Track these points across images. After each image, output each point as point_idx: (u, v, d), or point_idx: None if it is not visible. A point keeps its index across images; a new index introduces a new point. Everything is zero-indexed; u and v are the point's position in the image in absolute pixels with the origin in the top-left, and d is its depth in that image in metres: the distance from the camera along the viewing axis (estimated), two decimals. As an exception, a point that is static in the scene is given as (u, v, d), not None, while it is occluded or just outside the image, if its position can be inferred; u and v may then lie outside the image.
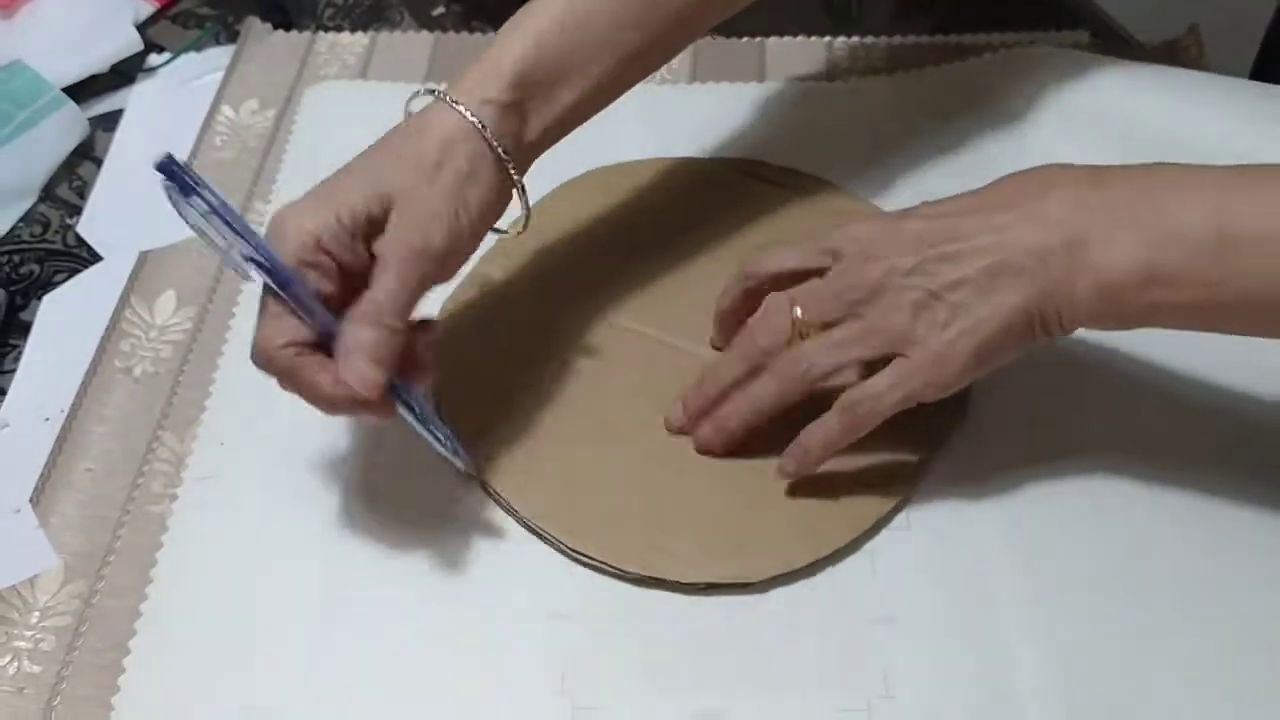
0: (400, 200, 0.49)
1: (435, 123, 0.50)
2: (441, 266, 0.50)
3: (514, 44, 0.52)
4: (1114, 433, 0.54)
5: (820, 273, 0.50)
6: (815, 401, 0.51)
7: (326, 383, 0.46)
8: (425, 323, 0.50)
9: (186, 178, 0.44)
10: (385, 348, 0.47)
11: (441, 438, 0.50)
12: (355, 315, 0.47)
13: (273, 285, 0.46)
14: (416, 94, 0.53)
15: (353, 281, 0.48)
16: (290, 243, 0.47)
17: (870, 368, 0.49)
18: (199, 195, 0.44)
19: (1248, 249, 0.43)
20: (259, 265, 0.46)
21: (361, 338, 0.46)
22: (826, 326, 0.49)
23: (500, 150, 0.51)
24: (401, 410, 0.49)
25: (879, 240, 0.49)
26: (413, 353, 0.49)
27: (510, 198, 0.53)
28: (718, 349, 0.57)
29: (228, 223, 0.45)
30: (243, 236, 0.45)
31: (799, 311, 0.50)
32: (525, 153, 0.53)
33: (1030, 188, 0.47)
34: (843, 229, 0.50)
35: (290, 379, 0.48)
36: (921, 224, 0.48)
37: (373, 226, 0.48)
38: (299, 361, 0.47)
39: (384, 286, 0.47)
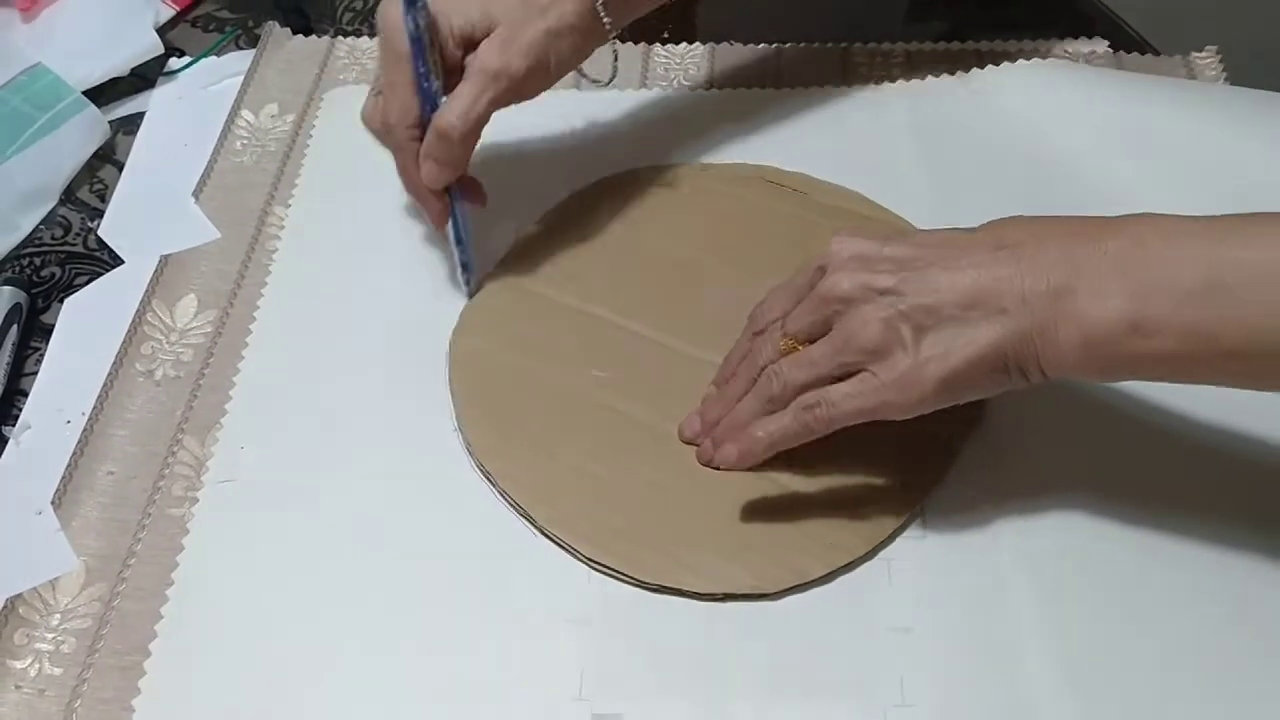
0: (501, 27, 0.56)
1: None
2: (516, 93, 0.57)
3: None
4: (1132, 444, 0.54)
5: None
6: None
7: (412, 168, 0.58)
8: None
9: None
10: (451, 150, 0.56)
11: (463, 259, 0.61)
12: (435, 117, 0.56)
13: (413, 49, 0.55)
14: None
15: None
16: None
17: None
18: None
19: (1237, 298, 0.42)
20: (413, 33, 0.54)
21: (431, 140, 0.56)
22: (812, 341, 0.50)
23: (607, 23, 0.59)
24: (451, 219, 0.59)
25: (861, 256, 0.49)
26: (475, 181, 0.61)
27: (589, 52, 0.60)
28: None
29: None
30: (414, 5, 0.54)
31: (785, 327, 0.51)
32: (622, 10, 0.60)
33: (1022, 234, 0.47)
34: (831, 245, 0.50)
35: (397, 154, 0.59)
36: (908, 249, 0.48)
37: (469, 45, 0.57)
38: (408, 144, 0.57)
39: (461, 96, 0.56)
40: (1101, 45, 0.74)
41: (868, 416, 0.48)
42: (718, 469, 0.53)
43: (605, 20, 0.58)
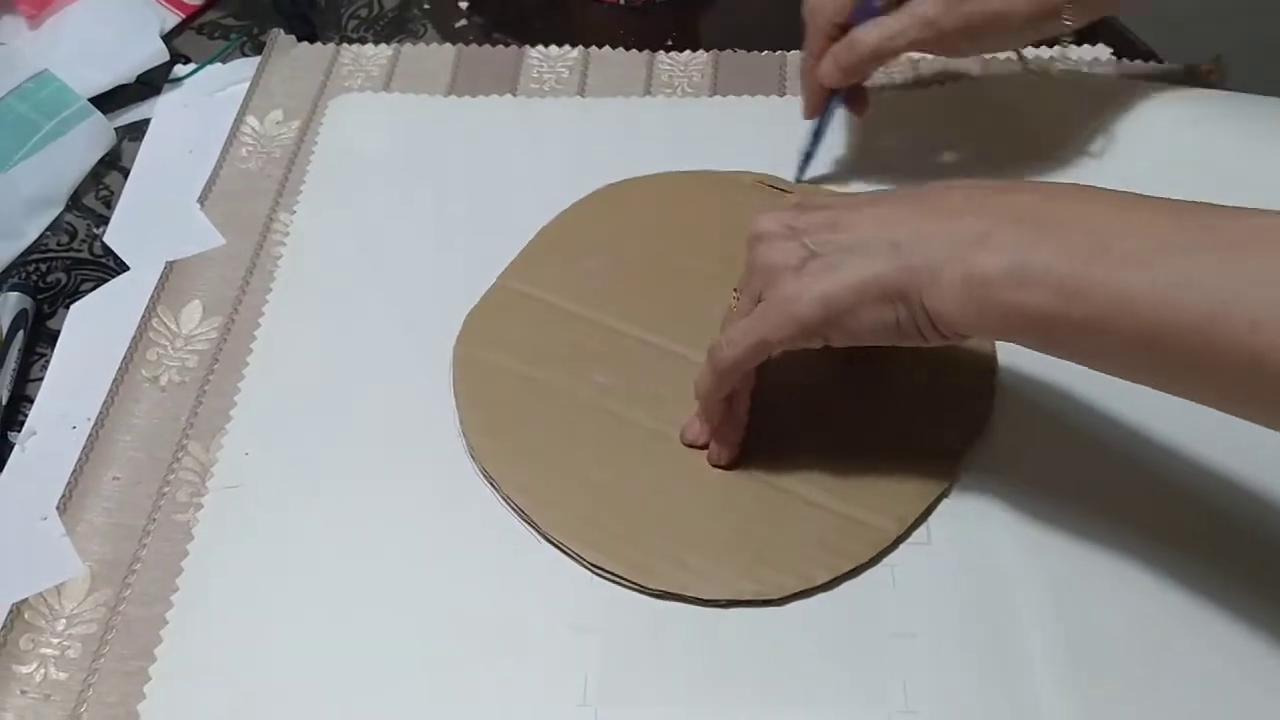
0: None
1: None
2: (940, 47, 0.60)
3: None
4: (1138, 448, 0.54)
5: None
6: (824, 411, 0.52)
7: (817, 54, 0.62)
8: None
9: None
10: (856, 63, 0.60)
11: (810, 150, 0.66)
12: (856, 29, 0.60)
13: None
14: None
15: None
16: None
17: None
18: None
19: (1116, 260, 0.40)
20: None
21: (844, 45, 0.60)
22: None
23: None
24: (822, 115, 0.65)
25: (778, 230, 0.49)
26: (865, 93, 0.65)
27: (1035, 39, 0.63)
28: None
29: None
30: None
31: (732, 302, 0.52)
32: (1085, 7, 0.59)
33: (939, 188, 0.47)
34: (753, 224, 0.51)
35: (810, 38, 0.62)
36: (823, 211, 0.49)
37: None
38: (823, 34, 0.61)
39: (887, 25, 0.59)
40: (1105, 52, 0.74)
41: (763, 348, 0.49)
42: (725, 468, 0.54)
43: (1066, 19, 0.59)
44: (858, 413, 0.56)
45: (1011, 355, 0.57)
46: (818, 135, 0.66)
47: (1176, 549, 0.51)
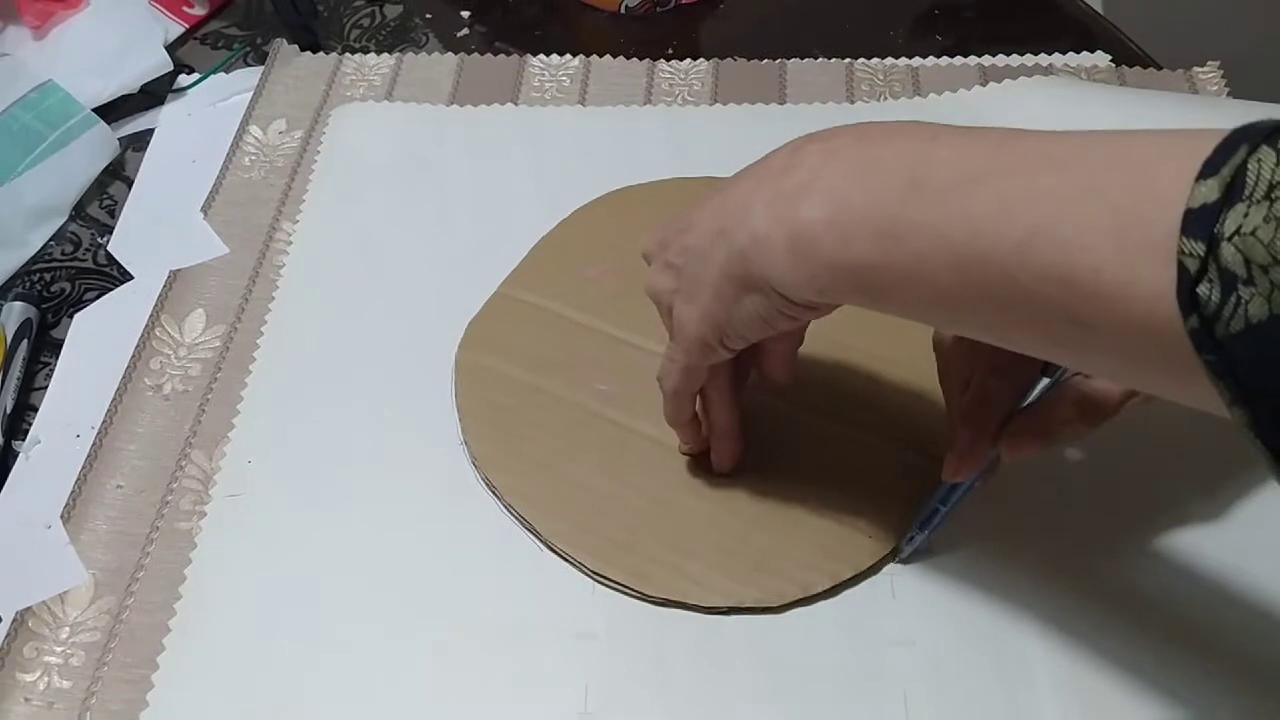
0: None
1: None
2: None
3: None
4: (1139, 458, 0.55)
5: None
6: (824, 419, 0.52)
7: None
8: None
9: None
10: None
11: (924, 529, 0.51)
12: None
13: None
14: None
15: None
16: None
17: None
18: None
19: (930, 198, 0.37)
20: None
21: None
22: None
23: None
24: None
25: (657, 233, 0.49)
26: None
27: None
28: None
29: None
30: None
31: None
32: None
33: (772, 152, 0.44)
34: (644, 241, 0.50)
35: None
36: (681, 219, 0.47)
37: None
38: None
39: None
40: (1104, 60, 0.75)
41: (692, 372, 0.49)
42: (725, 475, 0.54)
43: None
44: (857, 421, 0.56)
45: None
46: (937, 507, 0.51)
47: (1178, 559, 0.51)
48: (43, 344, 0.64)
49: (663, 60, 0.77)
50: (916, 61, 0.76)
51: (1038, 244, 0.34)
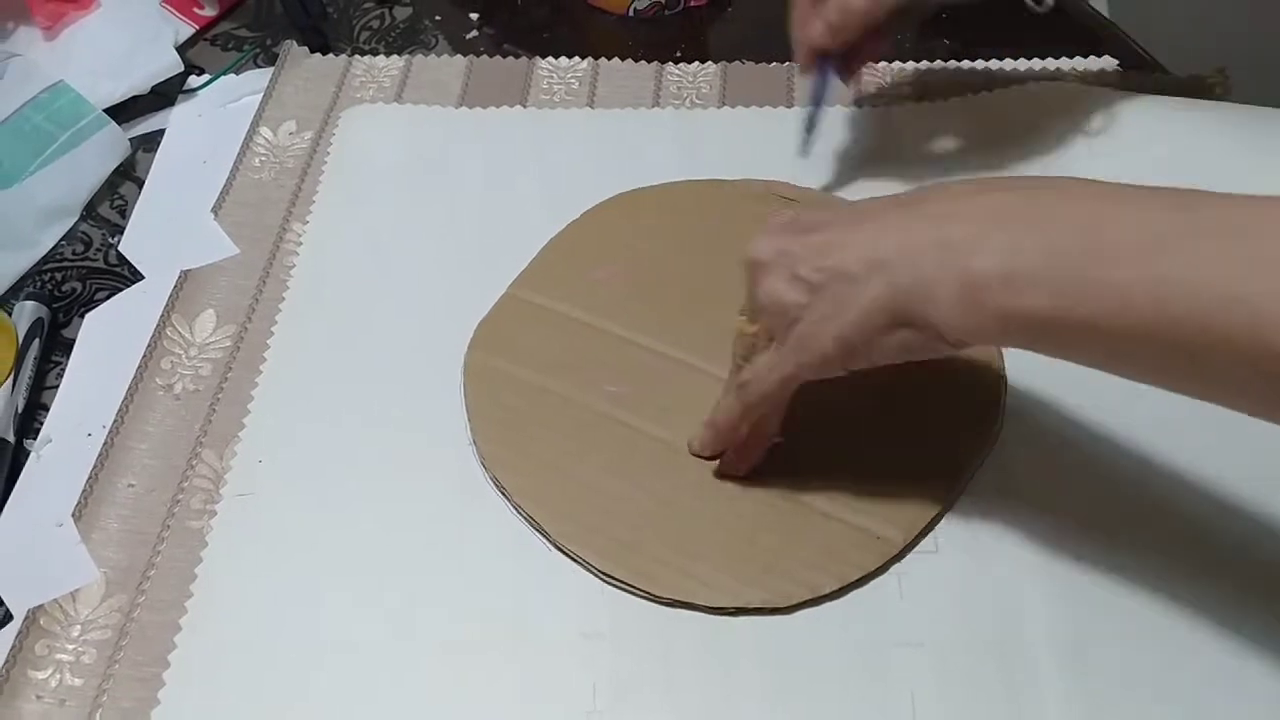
0: None
1: None
2: None
3: None
4: (1145, 459, 0.55)
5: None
6: (832, 421, 0.53)
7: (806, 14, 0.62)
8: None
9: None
10: (844, 19, 0.60)
11: (810, 122, 0.66)
12: None
13: None
14: None
15: None
16: None
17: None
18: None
19: (1109, 259, 0.39)
20: None
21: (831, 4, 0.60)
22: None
23: None
24: (816, 81, 0.64)
25: (777, 258, 0.48)
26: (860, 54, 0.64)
27: None
28: None
29: None
30: None
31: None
32: None
33: (917, 194, 0.47)
34: (749, 250, 0.50)
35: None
36: (820, 216, 0.48)
37: None
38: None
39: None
40: (1110, 64, 0.75)
41: (791, 382, 0.49)
42: (732, 478, 0.54)
43: None
44: (866, 423, 0.56)
45: (1019, 368, 0.58)
46: (817, 102, 0.65)
47: (1184, 560, 0.51)
48: (54, 343, 0.65)
49: (671, 63, 0.77)
50: (923, 65, 0.76)
51: (1230, 310, 0.37)
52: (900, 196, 0.48)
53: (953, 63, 0.76)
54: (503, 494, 0.55)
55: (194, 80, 0.79)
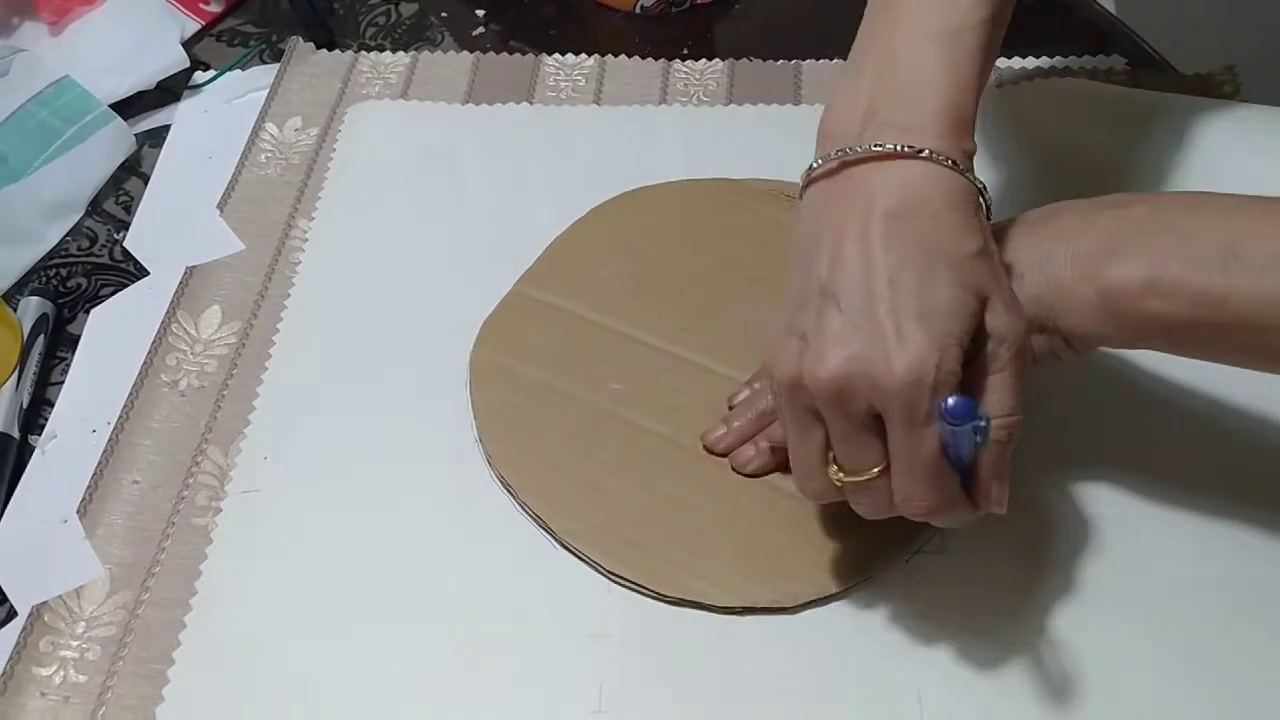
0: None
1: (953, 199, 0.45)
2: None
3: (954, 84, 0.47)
4: (1158, 459, 0.55)
5: None
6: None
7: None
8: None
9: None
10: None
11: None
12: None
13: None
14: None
15: None
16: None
17: None
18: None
19: (1252, 267, 0.42)
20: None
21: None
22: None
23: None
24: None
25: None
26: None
27: None
28: None
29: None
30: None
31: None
32: None
33: (1044, 210, 0.48)
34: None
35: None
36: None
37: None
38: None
39: (1006, 387, 0.44)
40: (1119, 62, 0.75)
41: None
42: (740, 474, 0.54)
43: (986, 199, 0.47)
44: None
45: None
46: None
47: (1196, 555, 0.51)
48: (59, 339, 0.64)
49: (678, 60, 0.77)
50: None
51: None
52: (1015, 220, 0.48)
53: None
54: (509, 492, 0.55)
55: (200, 76, 0.78)
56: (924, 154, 0.44)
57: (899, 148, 0.44)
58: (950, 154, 0.45)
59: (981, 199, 0.46)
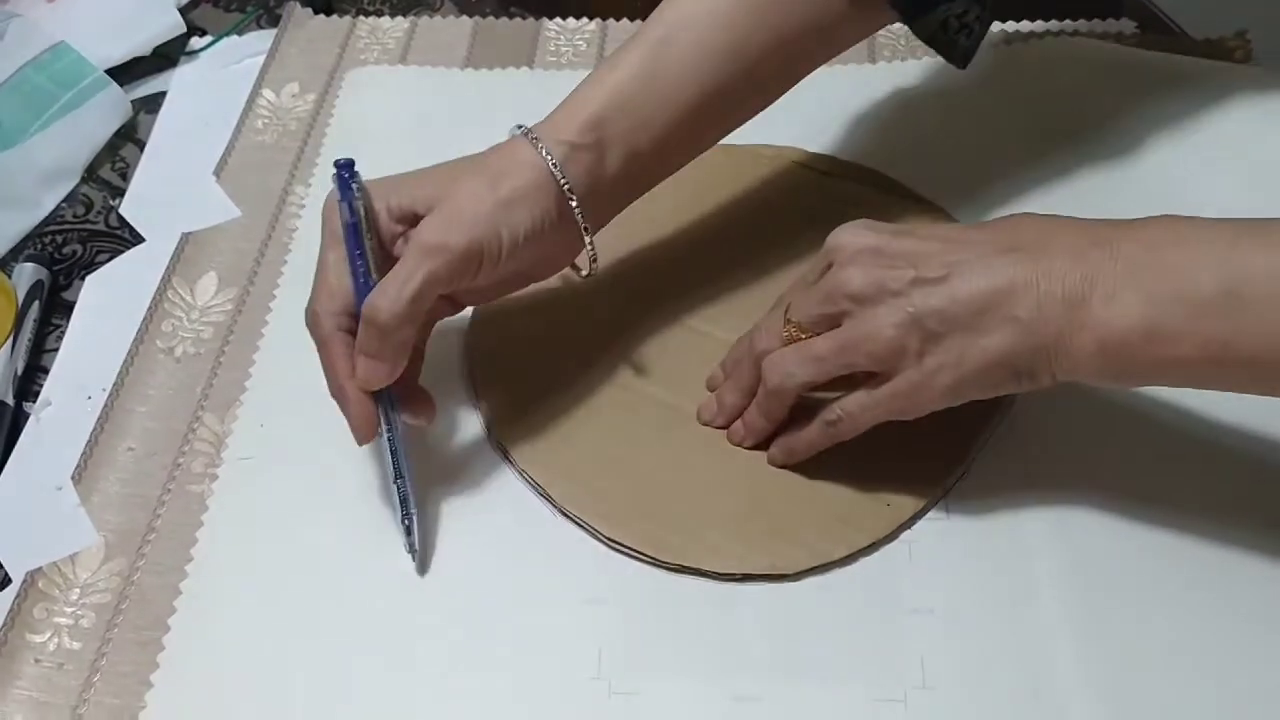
0: (444, 199, 0.50)
1: (510, 151, 0.52)
2: (458, 270, 0.49)
3: (595, 87, 0.53)
4: (1160, 432, 0.54)
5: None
6: (843, 387, 0.51)
7: (339, 365, 0.49)
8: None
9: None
10: (383, 340, 0.48)
11: (402, 491, 0.51)
12: (365, 301, 0.48)
13: (348, 234, 0.49)
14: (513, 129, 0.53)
15: None
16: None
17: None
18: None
19: (1254, 308, 0.42)
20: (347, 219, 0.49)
21: (362, 330, 0.48)
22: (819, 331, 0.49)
23: (567, 188, 0.51)
24: (385, 435, 0.50)
25: (872, 250, 0.48)
26: (423, 394, 0.53)
27: (581, 243, 0.53)
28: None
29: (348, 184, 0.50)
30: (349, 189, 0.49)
31: (788, 311, 0.50)
32: (602, 198, 0.53)
33: (1034, 234, 0.46)
34: (836, 236, 0.49)
35: (322, 348, 0.50)
36: (918, 244, 0.48)
37: (410, 223, 0.50)
38: (334, 335, 0.50)
39: (393, 275, 0.48)
40: (1129, 26, 0.74)
41: (881, 419, 0.49)
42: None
43: (564, 182, 0.50)
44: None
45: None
46: (399, 473, 0.51)
47: (1198, 522, 0.51)
48: (54, 306, 0.64)
49: (680, 25, 0.76)
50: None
51: None
52: (994, 235, 0.47)
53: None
54: (507, 459, 0.54)
55: (196, 42, 0.78)
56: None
57: None
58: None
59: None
